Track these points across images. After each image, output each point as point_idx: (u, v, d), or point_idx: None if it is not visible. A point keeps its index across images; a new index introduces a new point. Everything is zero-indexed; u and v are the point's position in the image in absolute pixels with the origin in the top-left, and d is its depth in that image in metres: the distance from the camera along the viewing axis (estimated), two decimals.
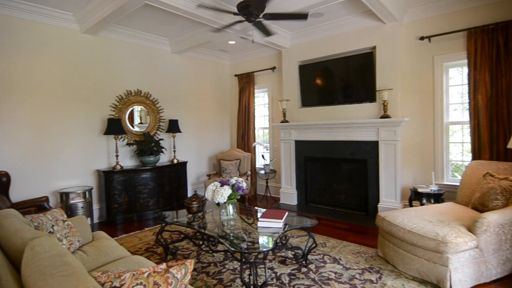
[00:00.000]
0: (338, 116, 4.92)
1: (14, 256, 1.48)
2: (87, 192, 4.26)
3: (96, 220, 4.63)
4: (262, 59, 6.25)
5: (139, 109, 5.33)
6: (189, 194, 5.82)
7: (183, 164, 5.56)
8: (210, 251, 3.04)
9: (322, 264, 3.03)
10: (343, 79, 4.89)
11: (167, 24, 4.76)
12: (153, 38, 5.33)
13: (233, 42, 5.69)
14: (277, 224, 2.73)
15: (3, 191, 3.42)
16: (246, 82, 6.37)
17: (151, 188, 4.82)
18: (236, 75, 6.64)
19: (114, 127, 4.55)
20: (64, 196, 4.09)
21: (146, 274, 1.30)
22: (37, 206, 3.54)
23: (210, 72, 6.55)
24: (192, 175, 6.11)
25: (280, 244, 2.98)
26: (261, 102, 6.64)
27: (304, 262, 3.01)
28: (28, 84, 4.05)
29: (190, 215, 3.19)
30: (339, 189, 5.02)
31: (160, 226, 3.19)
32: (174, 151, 5.54)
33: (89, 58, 4.63)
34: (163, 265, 1.39)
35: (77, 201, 4.10)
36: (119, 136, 4.81)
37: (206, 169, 6.47)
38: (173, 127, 5.39)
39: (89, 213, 4.21)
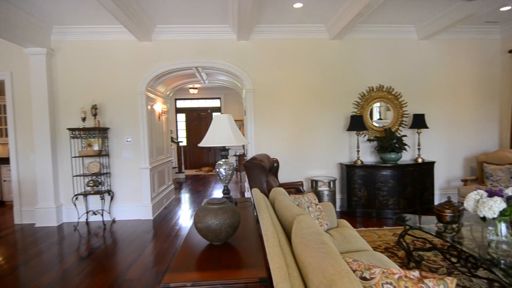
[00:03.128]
0: None
1: (285, 224, 1.88)
2: (331, 182, 4.75)
3: (337, 209, 5.06)
4: None
5: (378, 105, 5.25)
6: (436, 199, 5.06)
7: (430, 164, 4.90)
8: (468, 273, 2.47)
9: None
10: None
11: (414, 8, 4.33)
12: (397, 28, 5.03)
13: (507, 8, 4.29)
14: None
15: (274, 173, 4.49)
16: None
17: (391, 187, 4.62)
18: None
19: (356, 124, 4.75)
20: (313, 183, 4.79)
21: (396, 276, 1.23)
22: (295, 188, 4.37)
23: (470, 52, 5.30)
24: (440, 177, 5.25)
25: None
26: None
27: None
28: (289, 90, 5.07)
29: (441, 224, 2.73)
30: None
31: (403, 228, 2.97)
32: (419, 149, 4.99)
33: (335, 62, 5.10)
34: (416, 273, 1.25)
35: (324, 189, 4.66)
36: (361, 132, 4.97)
37: (461, 173, 5.34)
38: (418, 122, 4.86)
39: (332, 201, 4.67)
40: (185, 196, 6.83)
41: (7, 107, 4.92)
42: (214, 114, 11.22)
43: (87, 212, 4.85)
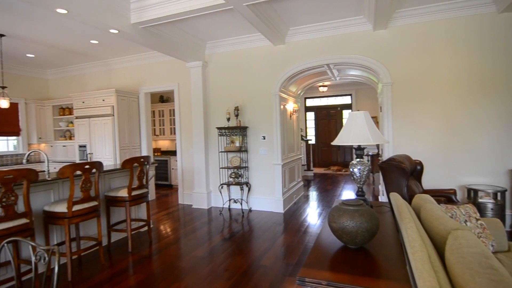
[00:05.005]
0: None
1: (434, 238, 1.60)
2: (498, 194, 3.76)
3: (507, 228, 3.97)
4: None
5: None
6: None
7: None
8: None
9: None
10: None
11: None
12: None
13: None
14: None
15: (417, 177, 3.92)
16: None
17: None
18: None
19: None
20: (471, 193, 3.91)
21: None
22: (444, 197, 3.68)
23: None
24: None
25: None
26: None
27: None
28: (438, 80, 4.29)
29: None
30: None
31: None
32: None
33: (506, 40, 3.98)
34: None
35: (487, 201, 3.74)
36: None
37: None
38: None
39: (500, 217, 3.68)
40: (313, 194, 6.88)
41: (175, 111, 6.22)
42: (347, 111, 10.83)
43: (229, 200, 5.57)
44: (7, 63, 6.60)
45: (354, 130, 2.05)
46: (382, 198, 5.07)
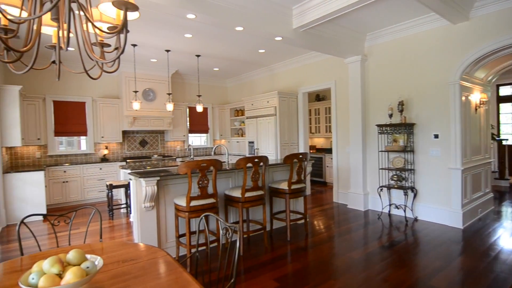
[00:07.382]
0: None
1: None
2: None
3: None
4: None
5: None
6: None
7: None
8: None
9: None
10: None
11: None
12: None
13: None
14: None
15: None
16: None
17: None
18: None
19: None
20: None
21: None
22: None
23: None
24: None
25: None
26: None
27: None
28: None
29: None
30: None
31: None
32: None
33: None
34: None
35: None
36: None
37: None
38: None
39: None
40: (508, 211, 5.25)
41: (332, 108, 6.21)
42: None
43: (390, 205, 5.05)
44: (201, 76, 8.52)
45: None
46: None
